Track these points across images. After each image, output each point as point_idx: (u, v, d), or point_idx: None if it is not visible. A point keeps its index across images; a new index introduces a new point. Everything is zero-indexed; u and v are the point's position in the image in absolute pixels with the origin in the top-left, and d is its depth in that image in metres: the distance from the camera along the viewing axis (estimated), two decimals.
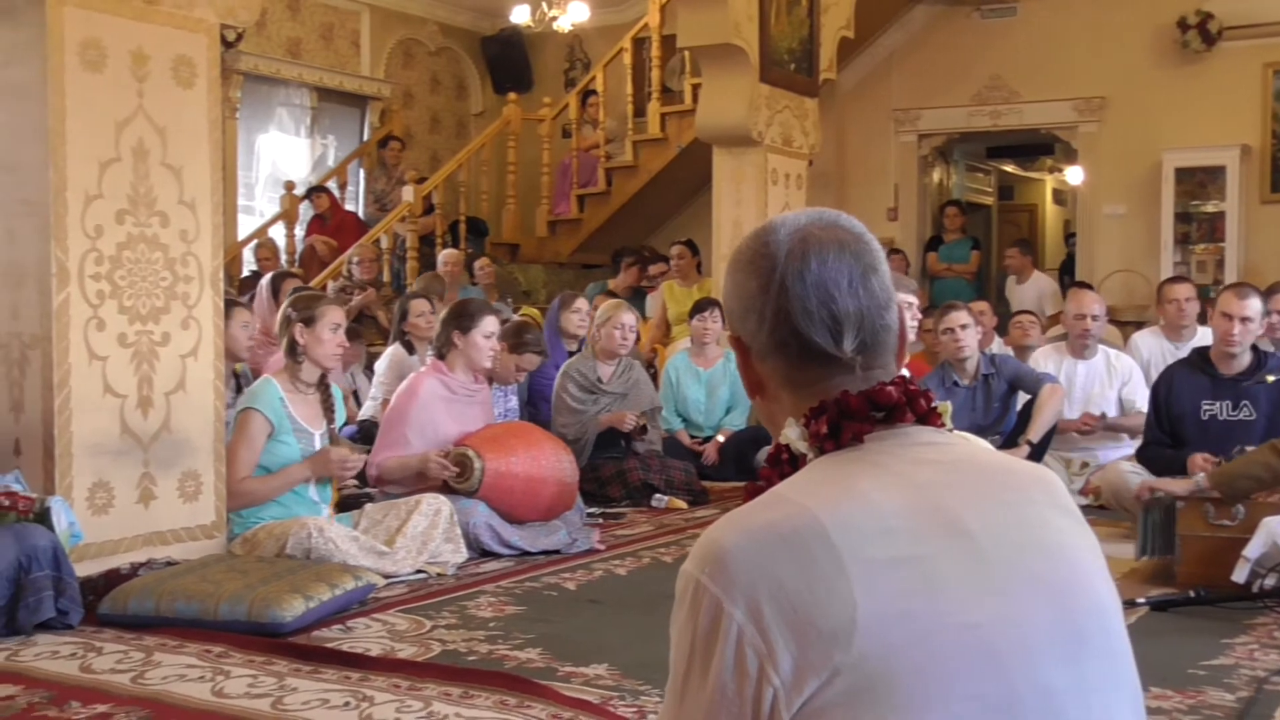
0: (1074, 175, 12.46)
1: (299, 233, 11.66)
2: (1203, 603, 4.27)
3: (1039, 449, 6.02)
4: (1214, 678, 3.52)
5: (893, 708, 1.17)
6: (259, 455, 4.80)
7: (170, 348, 4.68)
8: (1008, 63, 11.01)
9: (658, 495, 6.40)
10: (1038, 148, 13.65)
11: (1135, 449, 5.62)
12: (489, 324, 5.49)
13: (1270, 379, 5.14)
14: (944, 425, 1.40)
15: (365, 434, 6.81)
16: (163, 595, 4.02)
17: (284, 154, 12.25)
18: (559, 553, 5.16)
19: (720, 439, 7.38)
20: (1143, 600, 4.29)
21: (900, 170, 11.65)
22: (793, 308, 1.36)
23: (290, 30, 11.94)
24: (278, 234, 11.61)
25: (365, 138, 12.74)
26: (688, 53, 9.60)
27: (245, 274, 11.08)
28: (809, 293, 1.35)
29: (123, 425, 4.53)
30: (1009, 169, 15.26)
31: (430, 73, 13.45)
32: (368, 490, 5.68)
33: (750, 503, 1.30)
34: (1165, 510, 4.77)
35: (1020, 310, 8.55)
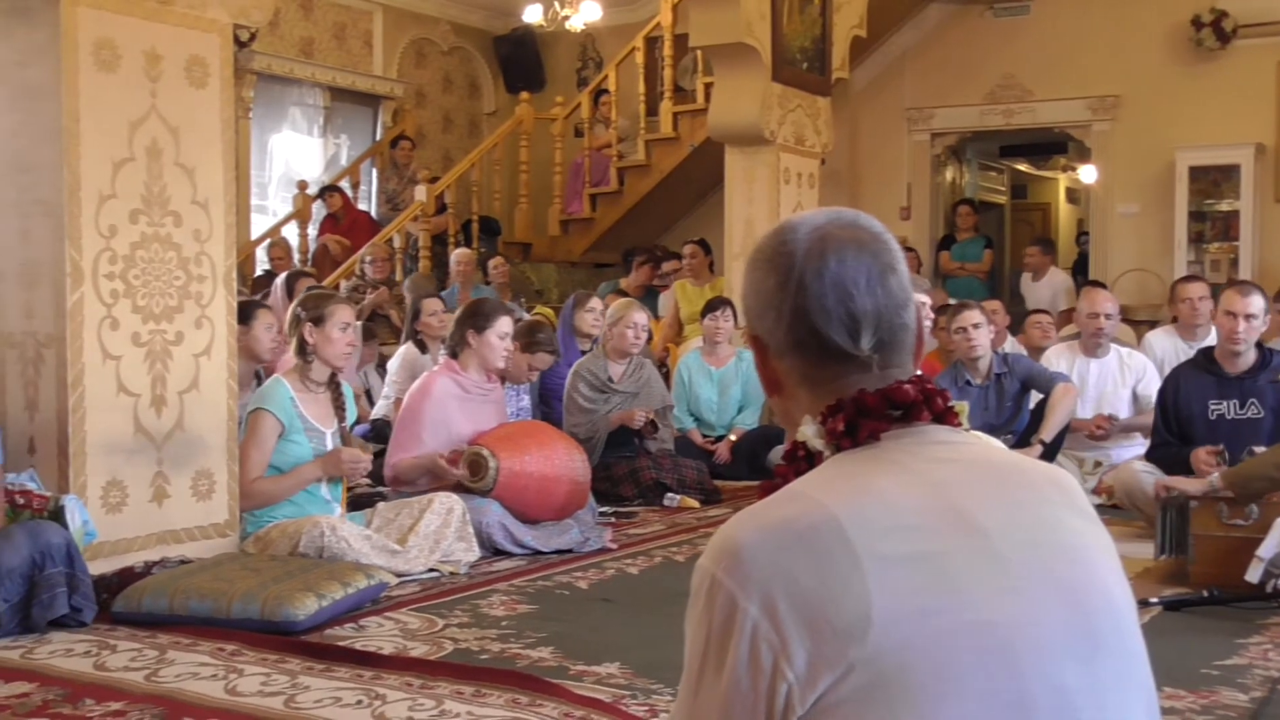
0: (1087, 174, 12.43)
1: (312, 232, 11.68)
2: (1216, 603, 4.26)
3: (1052, 448, 6.01)
4: (1227, 678, 3.51)
5: (907, 704, 1.17)
6: (270, 455, 4.81)
7: (183, 347, 4.69)
8: (1021, 61, 10.99)
9: (670, 494, 6.40)
10: (1051, 146, 13.61)
11: (1145, 450, 5.61)
12: (504, 324, 5.50)
13: (1279, 378, 5.14)
14: (960, 425, 1.41)
15: (378, 433, 6.83)
16: (176, 593, 4.03)
17: (297, 153, 12.27)
18: (571, 552, 5.17)
19: (733, 438, 7.38)
20: (1156, 600, 4.28)
21: (913, 169, 11.63)
22: (810, 306, 1.36)
23: (303, 30, 11.96)
24: (291, 233, 11.63)
25: (378, 137, 12.76)
26: (700, 52, 9.60)
27: (258, 273, 11.10)
28: (827, 291, 1.36)
29: (136, 424, 4.55)
30: (1022, 168, 15.22)
31: (443, 72, 13.46)
32: (380, 489, 5.69)
33: (766, 499, 1.31)
34: (1179, 510, 4.77)
35: (1036, 309, 8.52)
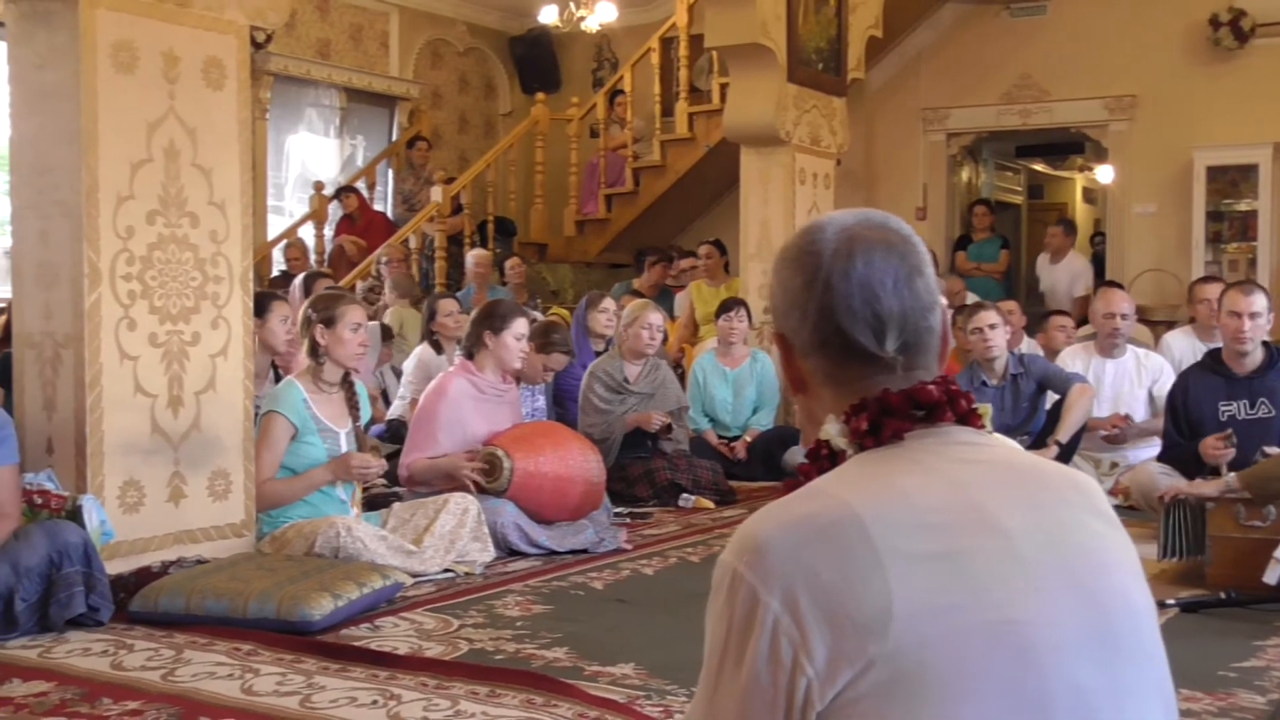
0: (1104, 174, 12.38)
1: (328, 233, 11.71)
2: (1233, 604, 4.25)
3: (1068, 449, 6.00)
4: (1244, 680, 3.50)
5: (926, 700, 1.18)
6: (281, 458, 4.82)
7: (200, 347, 4.71)
8: (1037, 61, 10.95)
9: (685, 495, 6.40)
10: (1068, 146, 13.56)
11: (1157, 454, 5.59)
12: (520, 325, 5.51)
13: None
14: (984, 427, 1.41)
15: (393, 433, 6.84)
16: (193, 593, 4.04)
17: (313, 154, 12.30)
18: (586, 552, 5.17)
19: (748, 438, 7.38)
20: (1173, 601, 4.27)
21: (929, 169, 11.61)
22: (837, 305, 1.37)
23: (319, 31, 11.99)
24: (307, 234, 11.66)
25: (394, 138, 12.78)
26: (715, 52, 9.59)
27: (275, 274, 11.13)
28: (853, 291, 1.36)
29: (153, 424, 4.57)
30: (1039, 168, 15.17)
31: (458, 73, 13.48)
32: (396, 489, 5.70)
33: (788, 495, 1.32)
34: (1193, 511, 4.75)
35: (1056, 311, 8.48)
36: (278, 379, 5.65)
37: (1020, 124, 11.22)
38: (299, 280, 7.69)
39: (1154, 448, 6.19)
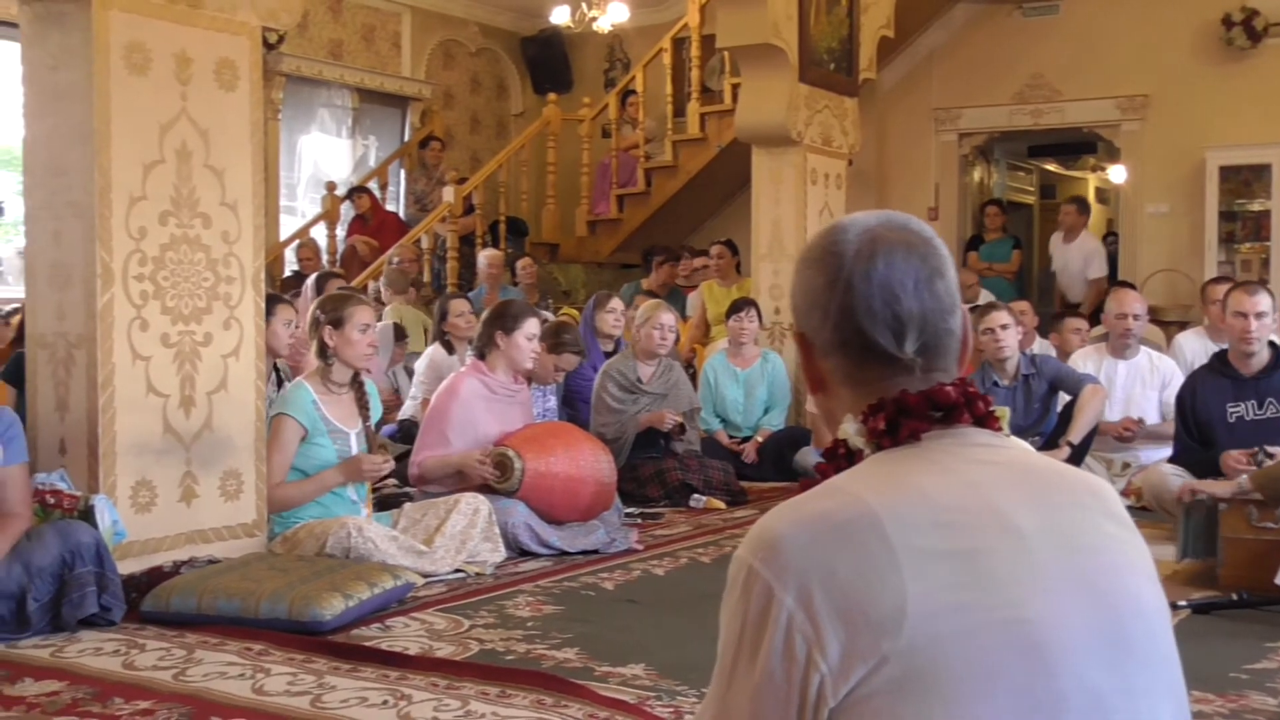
0: (1117, 174, 12.35)
1: (340, 233, 11.73)
2: (1245, 606, 4.24)
3: (1080, 450, 5.98)
4: (1256, 682, 3.49)
5: (939, 698, 1.18)
6: (292, 460, 4.84)
7: (212, 348, 4.72)
8: (1049, 61, 10.93)
9: (696, 495, 6.40)
10: (1080, 146, 13.53)
11: (1168, 457, 5.58)
12: (532, 326, 5.52)
13: None
14: (1001, 429, 1.42)
15: (405, 433, 6.85)
16: (204, 593, 4.05)
17: (325, 155, 12.32)
18: (597, 553, 5.17)
19: (759, 439, 7.37)
20: (1185, 603, 4.26)
21: (941, 169, 11.59)
22: (857, 306, 1.37)
23: (331, 32, 12.02)
24: (319, 234, 11.68)
25: (406, 138, 12.81)
26: (727, 53, 9.59)
27: (287, 274, 11.16)
28: (874, 292, 1.37)
29: (165, 424, 4.58)
30: (1051, 168, 15.14)
31: (470, 73, 13.50)
32: (407, 489, 5.71)
33: (805, 492, 1.32)
34: (1207, 512, 4.74)
35: (1071, 312, 8.45)
36: (280, 382, 5.66)
37: (1032, 124, 11.19)
38: (311, 280, 7.71)
39: (1167, 449, 6.18)
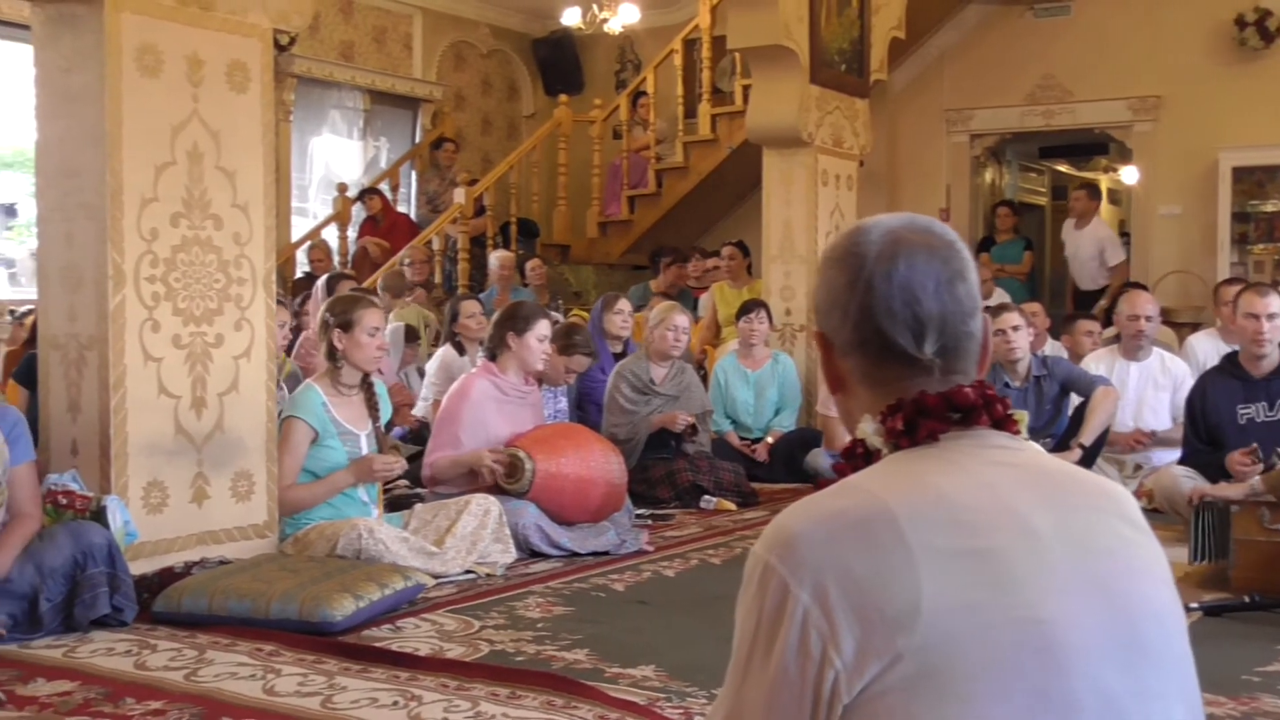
0: (1129, 175, 12.31)
1: (351, 234, 11.76)
2: (1257, 608, 4.23)
3: (1091, 452, 5.97)
4: (1268, 684, 3.48)
5: (953, 695, 1.19)
6: (302, 462, 4.84)
7: (223, 349, 4.74)
8: (1061, 62, 10.90)
9: (707, 497, 6.40)
10: (1092, 147, 13.48)
11: (1178, 459, 5.56)
12: (543, 327, 5.53)
13: None
14: (1019, 432, 1.42)
15: (415, 434, 6.86)
16: (215, 594, 4.06)
17: (337, 156, 12.35)
18: (608, 554, 5.17)
19: (770, 440, 7.37)
20: (1197, 605, 4.25)
21: (952, 170, 11.57)
22: (877, 306, 1.38)
23: (343, 34, 12.04)
24: (330, 236, 11.71)
25: (417, 140, 12.83)
26: (738, 54, 9.59)
27: (298, 275, 11.18)
28: (894, 293, 1.38)
29: (177, 426, 4.59)
30: (1062, 169, 15.09)
31: (481, 75, 13.51)
32: (418, 490, 5.72)
33: (822, 490, 1.33)
34: (1219, 514, 4.72)
35: (1084, 315, 8.42)
36: (278, 384, 5.65)
37: (1044, 125, 11.17)
38: (322, 282, 7.73)
39: (1178, 451, 6.16)
